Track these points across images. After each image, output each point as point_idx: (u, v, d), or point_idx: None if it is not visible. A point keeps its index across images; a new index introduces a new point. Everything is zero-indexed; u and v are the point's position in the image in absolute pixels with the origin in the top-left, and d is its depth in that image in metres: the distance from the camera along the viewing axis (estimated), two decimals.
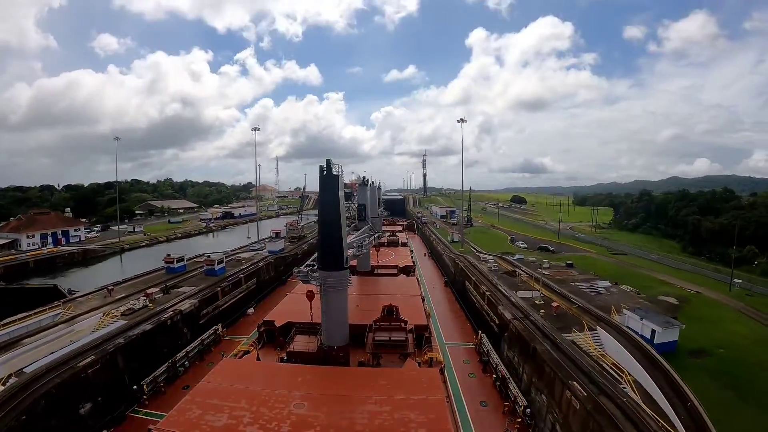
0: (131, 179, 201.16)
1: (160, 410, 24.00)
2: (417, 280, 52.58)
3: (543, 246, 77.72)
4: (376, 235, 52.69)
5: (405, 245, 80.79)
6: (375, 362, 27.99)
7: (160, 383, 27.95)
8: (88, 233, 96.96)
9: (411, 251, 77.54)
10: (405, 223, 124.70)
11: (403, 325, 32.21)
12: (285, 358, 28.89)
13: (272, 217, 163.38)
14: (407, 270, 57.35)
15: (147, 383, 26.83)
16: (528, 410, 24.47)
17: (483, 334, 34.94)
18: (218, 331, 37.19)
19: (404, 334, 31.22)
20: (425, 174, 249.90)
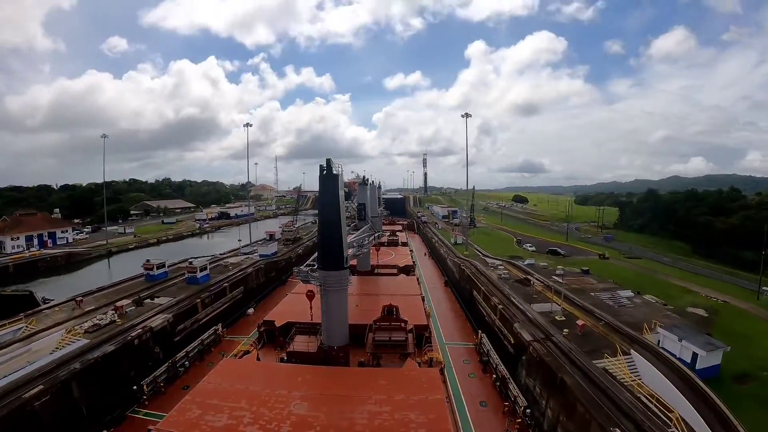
0: (129, 179, 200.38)
1: (160, 410, 24.03)
2: (417, 280, 52.50)
3: (552, 249, 73.92)
4: (376, 235, 52.62)
5: (405, 245, 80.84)
6: (375, 362, 27.94)
7: (160, 383, 27.97)
8: (77, 235, 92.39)
9: (411, 251, 77.53)
10: (405, 223, 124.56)
11: (403, 325, 32.16)
12: (285, 358, 28.83)
13: (270, 218, 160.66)
14: (407, 270, 57.30)
15: (147, 383, 26.82)
16: (528, 410, 24.43)
17: (483, 334, 34.90)
18: (218, 331, 37.22)
19: (404, 334, 31.17)
20: (426, 173, 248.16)
